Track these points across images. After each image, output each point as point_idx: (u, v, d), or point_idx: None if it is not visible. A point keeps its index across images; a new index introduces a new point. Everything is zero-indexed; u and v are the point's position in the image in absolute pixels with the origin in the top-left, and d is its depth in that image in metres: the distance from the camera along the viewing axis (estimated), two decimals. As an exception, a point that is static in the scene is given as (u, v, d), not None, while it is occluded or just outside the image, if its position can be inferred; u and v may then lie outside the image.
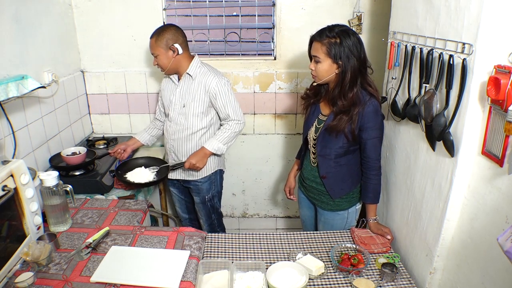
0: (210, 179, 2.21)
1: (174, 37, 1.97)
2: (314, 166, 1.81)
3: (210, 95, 2.02)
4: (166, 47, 1.96)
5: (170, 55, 1.98)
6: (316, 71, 1.64)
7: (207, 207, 2.27)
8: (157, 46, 1.96)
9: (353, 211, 1.84)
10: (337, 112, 1.63)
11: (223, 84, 2.03)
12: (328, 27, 1.60)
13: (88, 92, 2.66)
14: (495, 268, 1.17)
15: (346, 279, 1.48)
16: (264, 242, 1.72)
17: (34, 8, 2.01)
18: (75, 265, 1.42)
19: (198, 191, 2.22)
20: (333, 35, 1.56)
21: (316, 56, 1.61)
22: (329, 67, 1.60)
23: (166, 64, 2.00)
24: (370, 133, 1.63)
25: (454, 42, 1.28)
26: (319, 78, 1.65)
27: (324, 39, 1.57)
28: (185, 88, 2.06)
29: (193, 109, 2.05)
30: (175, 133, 2.12)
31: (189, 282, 1.36)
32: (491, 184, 1.19)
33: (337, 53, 1.56)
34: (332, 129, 1.65)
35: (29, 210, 1.47)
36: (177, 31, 2.00)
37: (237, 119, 2.07)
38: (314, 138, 1.76)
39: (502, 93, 1.06)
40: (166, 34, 1.95)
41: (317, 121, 1.76)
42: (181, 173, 2.21)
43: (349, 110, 1.61)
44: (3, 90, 1.60)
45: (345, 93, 1.59)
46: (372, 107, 1.60)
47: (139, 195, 2.18)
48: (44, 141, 2.11)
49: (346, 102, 1.60)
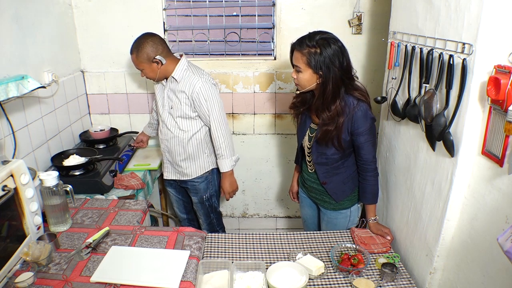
0: (207, 179, 2.20)
1: (154, 49, 1.91)
2: (312, 172, 1.82)
3: (193, 98, 1.98)
4: (149, 61, 1.92)
5: (155, 67, 1.95)
6: (298, 80, 1.60)
7: (205, 207, 2.27)
8: (140, 62, 1.93)
9: (355, 209, 1.85)
10: (322, 124, 1.61)
11: (207, 87, 1.98)
12: (309, 35, 1.55)
13: (88, 92, 2.66)
14: (495, 268, 1.17)
15: (346, 279, 1.48)
16: (264, 242, 1.72)
17: (34, 8, 2.01)
18: (75, 265, 1.42)
19: (195, 191, 2.22)
20: (313, 44, 1.51)
21: (297, 65, 1.57)
22: (310, 77, 1.56)
23: (154, 75, 1.98)
24: (362, 137, 1.62)
25: (454, 42, 1.28)
26: (301, 87, 1.62)
27: (304, 49, 1.52)
28: (171, 90, 2.05)
29: (180, 111, 2.03)
30: (167, 134, 2.13)
31: (189, 282, 1.36)
32: (491, 184, 1.19)
33: (317, 63, 1.51)
34: (321, 141, 1.65)
35: (29, 210, 1.47)
36: (155, 41, 1.93)
37: (219, 126, 2.03)
38: (308, 147, 1.76)
39: (502, 93, 1.06)
40: (145, 49, 1.90)
41: (309, 130, 1.76)
42: (175, 173, 2.21)
43: (333, 121, 1.58)
44: (3, 90, 1.60)
45: (328, 105, 1.56)
46: (360, 112, 1.58)
47: (139, 195, 2.18)
48: (44, 141, 2.11)
49: (330, 114, 1.57)
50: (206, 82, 1.99)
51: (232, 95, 2.65)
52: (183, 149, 2.12)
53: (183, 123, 2.07)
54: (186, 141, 2.09)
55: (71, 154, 2.12)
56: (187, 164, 2.15)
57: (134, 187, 2.09)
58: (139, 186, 2.12)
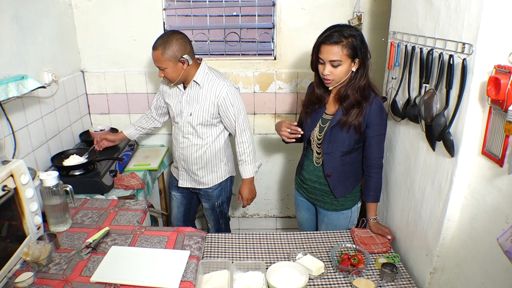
0: (220, 186, 2.15)
1: (183, 48, 1.80)
2: (318, 165, 1.81)
3: (219, 103, 1.91)
4: (175, 59, 1.80)
5: (180, 67, 1.82)
6: (333, 75, 1.60)
7: (216, 213, 2.23)
8: (165, 59, 1.78)
9: (356, 209, 1.86)
10: (348, 107, 1.64)
11: (233, 92, 1.93)
12: (338, 29, 1.56)
13: (88, 92, 2.66)
14: (495, 268, 1.17)
15: (346, 279, 1.48)
16: (264, 242, 1.72)
17: (34, 8, 2.01)
18: (75, 265, 1.42)
19: (208, 197, 2.17)
20: (349, 34, 1.55)
21: (336, 60, 1.56)
22: (348, 67, 1.60)
23: (175, 76, 1.85)
24: (376, 129, 1.66)
25: (454, 42, 1.28)
26: (336, 81, 1.62)
27: (342, 41, 1.54)
28: (192, 96, 1.94)
29: (201, 118, 1.94)
30: (184, 141, 2.03)
31: (189, 282, 1.36)
32: (491, 184, 1.19)
33: (357, 51, 1.56)
34: (344, 124, 1.65)
35: (29, 210, 1.47)
36: (184, 40, 1.82)
37: (245, 131, 2.00)
38: (318, 138, 1.76)
39: (502, 93, 1.06)
40: (173, 46, 1.78)
41: (321, 121, 1.76)
42: (191, 181, 2.14)
43: (359, 103, 1.63)
44: (3, 90, 1.60)
45: (360, 87, 1.62)
46: (377, 104, 1.64)
47: (139, 195, 2.18)
48: (44, 141, 2.11)
49: (358, 95, 1.62)
50: (231, 87, 1.93)
51: (232, 95, 2.65)
52: (200, 158, 2.04)
53: (202, 130, 1.98)
54: (204, 149, 2.02)
55: (71, 154, 2.12)
56: (204, 173, 2.08)
57: (134, 187, 2.09)
58: (139, 186, 2.12)
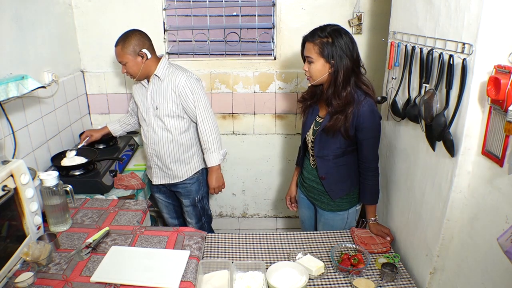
0: (198, 180, 2.18)
1: (141, 43, 1.93)
2: (314, 167, 1.82)
3: (179, 92, 1.98)
4: (134, 53, 1.92)
5: (139, 61, 1.94)
6: (309, 71, 1.64)
7: (197, 209, 2.24)
8: (124, 53, 1.91)
9: (353, 212, 1.84)
10: (332, 112, 1.63)
11: (192, 81, 1.99)
12: (320, 27, 1.61)
13: (88, 92, 2.66)
14: (495, 268, 1.17)
15: (346, 279, 1.48)
16: (264, 242, 1.72)
17: (34, 8, 2.01)
18: (75, 265, 1.42)
19: (187, 193, 2.19)
20: (325, 35, 1.56)
21: (309, 56, 1.61)
22: (322, 67, 1.60)
23: (136, 71, 1.96)
24: (366, 133, 1.63)
25: (454, 42, 1.28)
26: (313, 78, 1.66)
27: (316, 39, 1.58)
28: (155, 90, 2.02)
29: (167, 110, 2.01)
30: (154, 137, 2.08)
31: (189, 282, 1.36)
32: (491, 184, 1.19)
33: (329, 52, 1.56)
34: (329, 130, 1.65)
35: (29, 210, 1.47)
36: (142, 36, 1.95)
37: (206, 119, 2.03)
38: (312, 140, 1.76)
39: (502, 93, 1.06)
40: (132, 41, 1.91)
41: (314, 123, 1.76)
42: (165, 177, 2.17)
43: (343, 110, 1.60)
44: (3, 90, 1.60)
45: (339, 93, 1.60)
46: (367, 106, 1.60)
47: (139, 195, 2.18)
48: (44, 141, 2.11)
49: (340, 102, 1.60)
50: (190, 77, 2.00)
51: (232, 95, 2.65)
52: (171, 151, 2.09)
53: (170, 122, 2.04)
54: (175, 142, 2.07)
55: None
56: (177, 166, 2.12)
57: (134, 187, 2.09)
58: (139, 186, 2.12)
